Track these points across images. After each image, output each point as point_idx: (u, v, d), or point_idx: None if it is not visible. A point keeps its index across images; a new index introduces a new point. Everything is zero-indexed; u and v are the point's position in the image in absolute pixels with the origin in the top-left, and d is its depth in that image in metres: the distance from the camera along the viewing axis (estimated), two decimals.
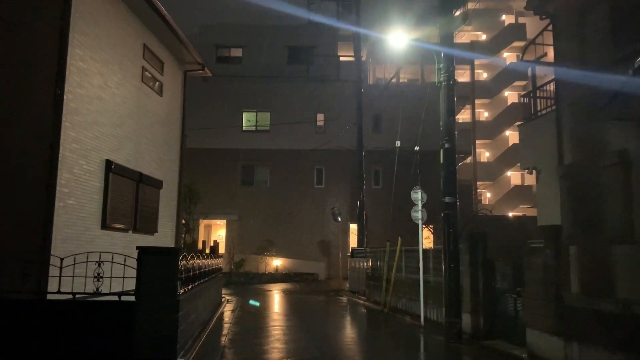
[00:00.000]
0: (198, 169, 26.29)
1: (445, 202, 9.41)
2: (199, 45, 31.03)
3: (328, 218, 26.95)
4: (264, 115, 28.21)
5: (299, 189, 27.18)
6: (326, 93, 27.59)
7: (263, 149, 27.37)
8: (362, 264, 18.10)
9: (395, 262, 12.71)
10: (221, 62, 30.32)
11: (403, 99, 28.06)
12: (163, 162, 12.79)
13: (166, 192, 12.92)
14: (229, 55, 31.03)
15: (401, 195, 27.72)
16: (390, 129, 27.40)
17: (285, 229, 26.69)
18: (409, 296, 12.74)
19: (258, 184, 27.65)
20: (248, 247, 26.05)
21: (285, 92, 27.85)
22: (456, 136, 9.90)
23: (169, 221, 13.19)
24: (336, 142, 26.13)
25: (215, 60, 30.15)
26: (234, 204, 26.94)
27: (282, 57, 30.09)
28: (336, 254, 26.48)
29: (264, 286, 22.62)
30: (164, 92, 12.78)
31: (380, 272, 15.49)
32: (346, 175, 27.40)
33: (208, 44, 29.87)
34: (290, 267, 25.77)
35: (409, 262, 13.21)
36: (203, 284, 11.10)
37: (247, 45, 30.41)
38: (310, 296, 18.84)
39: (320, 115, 28.16)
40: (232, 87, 28.11)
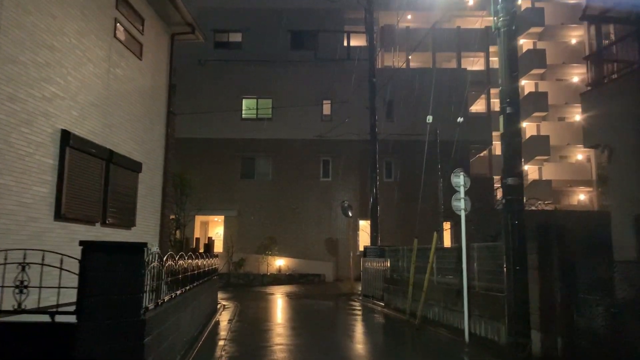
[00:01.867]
0: (193, 161, 24.04)
1: (507, 184, 7.10)
2: None
3: (336, 214, 24.66)
4: (265, 102, 25.91)
5: (304, 182, 24.89)
6: (333, 78, 25.30)
7: (264, 139, 25.07)
8: (378, 264, 15.81)
9: (430, 264, 10.38)
10: (219, 47, 28.07)
11: (415, 85, 25.84)
12: (144, 141, 10.50)
13: (147, 177, 10.62)
14: (228, 41, 28.74)
15: (416, 188, 25.49)
16: (403, 116, 25.17)
17: (289, 225, 24.41)
18: (443, 304, 10.45)
19: (259, 176, 25.34)
20: (248, 246, 23.77)
21: (288, 76, 25.55)
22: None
23: (151, 214, 10.90)
24: (344, 129, 23.85)
25: (213, 45, 27.92)
26: (232, 198, 24.66)
27: (285, 42, 27.80)
28: (345, 253, 24.16)
29: (266, 289, 20.34)
30: (145, 56, 10.49)
31: (403, 274, 13.20)
32: (355, 167, 25.11)
33: (205, 29, 27.46)
34: (295, 268, 23.48)
35: (440, 263, 10.91)
36: (192, 291, 8.82)
37: (247, 30, 28.12)
38: (319, 301, 16.55)
39: (327, 102, 25.86)
40: (231, 72, 25.84)
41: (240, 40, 28.46)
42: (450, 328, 9.96)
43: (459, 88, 26.31)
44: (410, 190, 24.73)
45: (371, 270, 16.66)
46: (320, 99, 25.66)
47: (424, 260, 11.83)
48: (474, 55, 34.70)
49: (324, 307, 15.48)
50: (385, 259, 14.89)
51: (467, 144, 25.46)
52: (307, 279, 22.81)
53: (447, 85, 25.89)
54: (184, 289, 8.00)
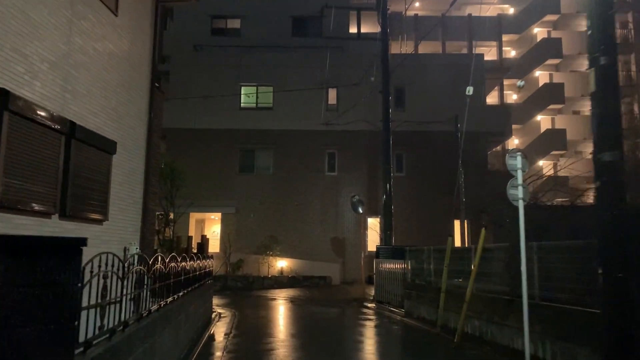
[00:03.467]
0: (188, 153, 22.14)
1: (602, 161, 5.19)
2: (191, 14, 26.93)
3: (343, 210, 22.74)
4: (265, 90, 23.94)
5: (308, 177, 22.95)
6: (339, 64, 23.35)
7: (265, 130, 23.12)
8: (395, 266, 13.90)
9: (475, 267, 8.42)
10: (217, 34, 26.12)
11: (427, 72, 23.94)
12: (120, 116, 8.56)
13: (125, 161, 8.69)
14: (226, 27, 26.81)
15: (429, 183, 23.55)
16: (415, 105, 23.23)
17: (292, 223, 22.47)
18: (487, 317, 8.52)
19: (259, 170, 23.39)
20: (247, 246, 21.84)
21: (291, 63, 23.60)
22: None
23: (130, 206, 8.97)
24: (351, 119, 21.93)
25: (210, 32, 26.02)
26: (230, 194, 22.72)
27: (286, 28, 25.88)
28: (352, 253, 22.25)
29: (267, 293, 18.42)
30: (122, 12, 8.55)
31: (430, 279, 11.28)
32: (363, 160, 23.19)
33: (201, 14, 25.69)
34: (298, 269, 21.53)
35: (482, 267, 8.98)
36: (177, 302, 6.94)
37: (246, 16, 26.18)
38: (328, 309, 14.62)
39: (332, 90, 23.91)
40: (229, 58, 23.90)
41: (239, 26, 26.54)
42: (498, 347, 8.03)
43: (475, 75, 24.41)
44: (422, 185, 22.84)
45: (386, 273, 14.76)
46: (326, 87, 23.71)
47: (457, 262, 9.92)
48: (486, 44, 32.83)
49: (335, 315, 13.56)
50: (405, 261, 12.97)
51: (485, 136, 23.56)
52: (312, 282, 20.88)
53: (461, 72, 23.97)
54: (164, 301, 6.09)
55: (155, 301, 5.75)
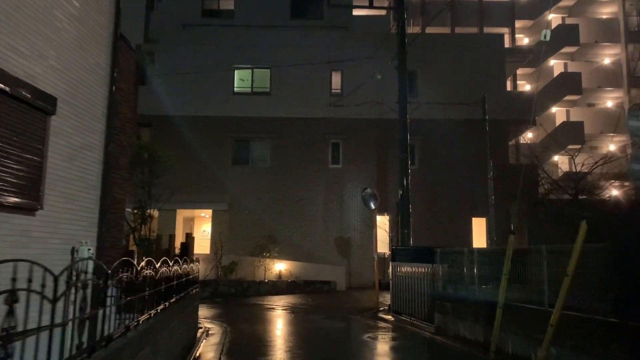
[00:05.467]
0: (176, 143, 19.68)
1: None
2: None
3: (348, 207, 20.40)
4: (262, 73, 21.55)
5: (309, 170, 20.57)
6: (344, 45, 21.03)
7: (261, 117, 20.73)
8: (418, 270, 11.54)
9: (569, 278, 5.97)
10: (208, 16, 23.67)
11: (439, 54, 21.65)
12: (67, 66, 6.17)
13: (74, 129, 6.30)
14: (218, 9, 24.36)
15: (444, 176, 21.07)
16: (428, 90, 20.85)
17: (291, 222, 20.09)
18: (571, 344, 6.18)
19: (255, 162, 20.99)
20: (241, 246, 19.43)
21: (290, 43, 21.20)
22: None
23: (81, 191, 6.57)
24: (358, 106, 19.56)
25: (200, 14, 23.58)
26: (222, 189, 20.32)
27: (284, 10, 23.43)
28: (359, 255, 19.89)
29: (264, 300, 16.05)
30: None
31: (474, 288, 8.93)
32: (371, 152, 20.85)
33: None
34: (298, 273, 19.12)
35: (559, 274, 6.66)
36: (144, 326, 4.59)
37: None
38: (337, 322, 12.25)
39: (336, 74, 21.55)
40: (221, 38, 21.51)
41: (233, 7, 24.08)
42: None
43: (494, 57, 22.17)
44: (437, 179, 20.51)
45: (406, 278, 12.39)
46: (329, 70, 21.36)
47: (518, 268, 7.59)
48: (497, 31, 30.57)
49: (347, 331, 11.21)
50: (435, 265, 10.62)
51: (506, 125, 21.27)
52: (314, 287, 18.50)
53: (477, 55, 21.73)
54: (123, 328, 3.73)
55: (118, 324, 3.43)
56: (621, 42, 32.68)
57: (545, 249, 6.95)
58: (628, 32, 32.62)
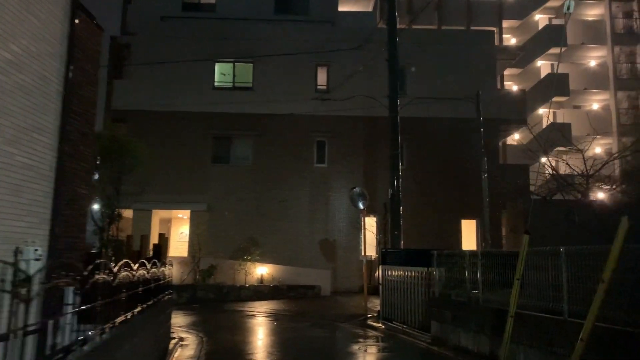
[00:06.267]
0: (152, 139, 18.62)
1: None
2: None
3: (334, 208, 19.53)
4: (244, 68, 20.58)
5: (294, 169, 19.63)
6: (330, 39, 20.18)
7: (243, 114, 19.74)
8: (412, 275, 10.71)
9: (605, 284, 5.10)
10: (188, 9, 22.57)
11: (430, 51, 20.93)
12: (9, 29, 5.17)
13: (17, 106, 5.31)
14: (199, 2, 23.29)
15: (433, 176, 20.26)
16: (417, 88, 20.05)
17: (274, 223, 19.12)
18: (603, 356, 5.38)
19: (236, 161, 19.99)
20: (221, 249, 18.39)
21: (275, 37, 20.28)
22: None
23: (28, 182, 5.57)
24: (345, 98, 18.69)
25: (180, 7, 22.49)
26: (202, 188, 19.28)
27: (268, 3, 22.46)
28: (345, 258, 19.03)
29: (244, 306, 15.07)
30: None
31: (477, 294, 8.11)
32: (358, 151, 20.01)
33: None
34: (282, 277, 18.15)
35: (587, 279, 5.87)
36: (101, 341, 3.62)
37: None
38: (324, 330, 11.35)
39: (322, 69, 20.70)
40: (202, 30, 20.49)
41: (214, 1, 23.04)
42: None
43: (485, 54, 21.54)
44: (425, 180, 19.74)
45: (397, 283, 11.55)
46: (314, 65, 20.49)
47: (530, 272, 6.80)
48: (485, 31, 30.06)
49: (335, 341, 10.32)
50: (432, 268, 9.79)
51: (496, 124, 20.62)
52: (298, 292, 17.56)
53: (467, 52, 21.06)
54: None
55: None
56: (607, 44, 32.45)
57: (565, 251, 6.16)
58: (614, 34, 32.43)
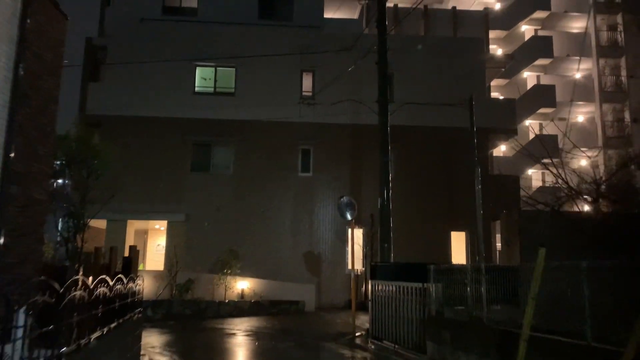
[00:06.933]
0: (127, 147, 17.73)
1: None
2: None
3: (319, 219, 18.72)
4: (226, 72, 19.77)
5: (277, 178, 18.78)
6: (316, 45, 19.50)
7: (225, 120, 18.89)
8: (404, 290, 9.93)
9: None
10: (169, 13, 21.70)
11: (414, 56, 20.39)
12: None
13: None
14: (180, 6, 22.44)
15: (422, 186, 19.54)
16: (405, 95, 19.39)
17: (256, 235, 18.21)
18: None
19: (216, 169, 19.09)
20: (200, 262, 17.41)
21: (258, 41, 19.55)
22: None
23: None
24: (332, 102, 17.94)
25: (160, 11, 21.60)
26: (180, 198, 18.32)
27: (252, 9, 21.72)
28: (331, 272, 18.20)
29: (224, 324, 14.10)
30: None
31: (482, 314, 7.35)
32: (344, 160, 19.27)
33: None
34: (263, 292, 17.20)
35: None
36: None
37: None
38: (307, 352, 10.50)
39: (307, 75, 19.99)
40: (182, 33, 19.69)
41: (196, 5, 22.22)
42: None
43: (474, 62, 21.08)
44: (413, 190, 19.04)
45: (389, 299, 10.75)
46: (299, 71, 19.79)
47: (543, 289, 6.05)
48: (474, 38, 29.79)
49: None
50: (427, 284, 9.02)
51: (486, 133, 20.08)
52: (281, 308, 16.63)
53: (457, 59, 20.57)
54: None
55: None
56: (593, 56, 32.41)
57: (586, 265, 5.44)
58: (599, 47, 32.42)
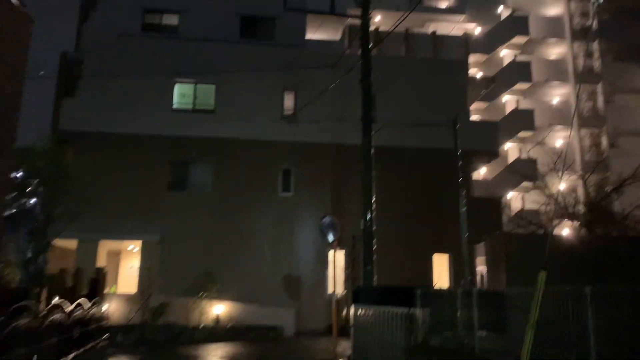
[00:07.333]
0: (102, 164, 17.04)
1: None
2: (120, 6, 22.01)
3: (299, 240, 18.24)
4: (206, 90, 19.34)
5: (257, 198, 18.25)
6: (298, 63, 19.23)
7: (203, 138, 18.39)
8: (389, 315, 9.48)
9: None
10: (149, 29, 21.34)
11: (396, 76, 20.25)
12: None
13: None
14: (161, 23, 22.09)
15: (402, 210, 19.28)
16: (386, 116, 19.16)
17: (234, 257, 17.58)
18: None
19: (194, 188, 18.50)
20: (174, 285, 16.66)
21: (239, 58, 19.23)
22: None
23: None
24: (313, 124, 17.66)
25: (140, 27, 21.20)
26: (155, 217, 17.62)
27: (233, 28, 21.48)
28: (311, 296, 17.63)
29: (198, 350, 13.42)
30: None
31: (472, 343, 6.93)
32: (326, 180, 18.86)
33: (133, 6, 21.08)
34: (240, 316, 16.53)
35: None
36: None
37: (185, 11, 21.61)
38: None
39: (289, 94, 19.69)
40: (162, 49, 19.29)
41: (177, 23, 21.91)
42: None
43: (457, 84, 21.05)
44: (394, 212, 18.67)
45: (373, 325, 10.28)
46: (281, 90, 19.49)
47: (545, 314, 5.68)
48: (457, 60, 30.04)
49: None
50: (413, 309, 8.59)
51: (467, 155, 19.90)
52: (258, 334, 15.97)
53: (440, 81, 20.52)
54: None
55: None
56: (570, 82, 32.92)
57: (590, 291, 5.08)
58: (576, 73, 32.96)
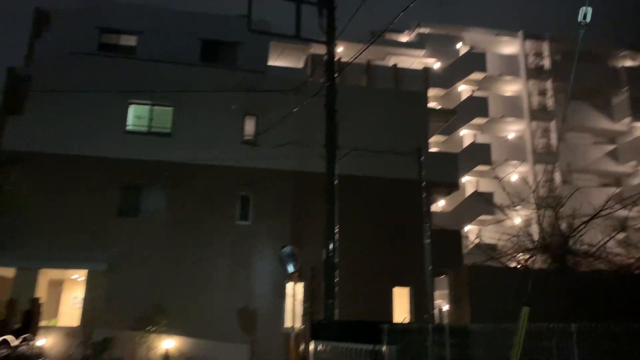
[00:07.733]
0: (47, 186, 16.00)
1: None
2: (76, 25, 21.06)
3: (256, 272, 17.45)
4: (163, 112, 18.59)
5: (213, 226, 17.43)
6: (261, 88, 18.84)
7: (158, 161, 17.55)
8: (354, 352, 8.89)
9: None
10: (105, 49, 20.58)
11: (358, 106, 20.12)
12: None
13: None
14: (118, 44, 21.39)
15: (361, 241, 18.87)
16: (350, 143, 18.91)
17: (187, 288, 16.61)
18: None
19: (146, 214, 17.48)
20: (121, 318, 15.51)
21: (200, 81, 18.66)
22: None
23: None
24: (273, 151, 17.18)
25: (96, 46, 20.42)
26: (103, 245, 16.52)
27: (194, 52, 21.02)
28: (267, 330, 16.76)
29: None
30: None
31: None
32: (285, 209, 18.29)
33: (88, 25, 20.32)
34: (192, 352, 15.48)
35: None
36: None
37: (143, 33, 21.01)
38: None
39: (250, 119, 19.18)
40: (116, 67, 18.53)
41: (135, 44, 21.26)
42: None
43: (417, 115, 21.10)
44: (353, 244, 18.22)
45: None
46: (242, 115, 18.98)
47: None
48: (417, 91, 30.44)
49: None
50: (379, 346, 8.05)
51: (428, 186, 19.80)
52: None
53: (400, 111, 20.53)
54: None
55: None
56: (525, 118, 33.91)
57: (576, 328, 4.71)
58: (531, 110, 34.02)
